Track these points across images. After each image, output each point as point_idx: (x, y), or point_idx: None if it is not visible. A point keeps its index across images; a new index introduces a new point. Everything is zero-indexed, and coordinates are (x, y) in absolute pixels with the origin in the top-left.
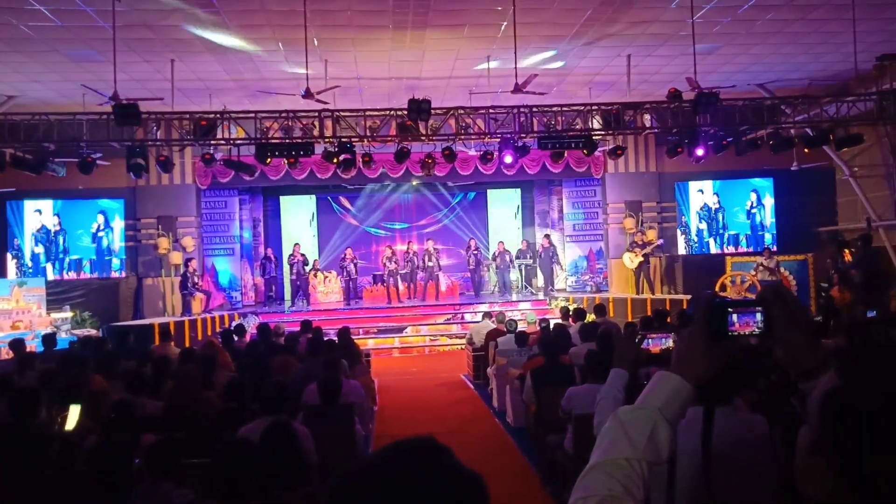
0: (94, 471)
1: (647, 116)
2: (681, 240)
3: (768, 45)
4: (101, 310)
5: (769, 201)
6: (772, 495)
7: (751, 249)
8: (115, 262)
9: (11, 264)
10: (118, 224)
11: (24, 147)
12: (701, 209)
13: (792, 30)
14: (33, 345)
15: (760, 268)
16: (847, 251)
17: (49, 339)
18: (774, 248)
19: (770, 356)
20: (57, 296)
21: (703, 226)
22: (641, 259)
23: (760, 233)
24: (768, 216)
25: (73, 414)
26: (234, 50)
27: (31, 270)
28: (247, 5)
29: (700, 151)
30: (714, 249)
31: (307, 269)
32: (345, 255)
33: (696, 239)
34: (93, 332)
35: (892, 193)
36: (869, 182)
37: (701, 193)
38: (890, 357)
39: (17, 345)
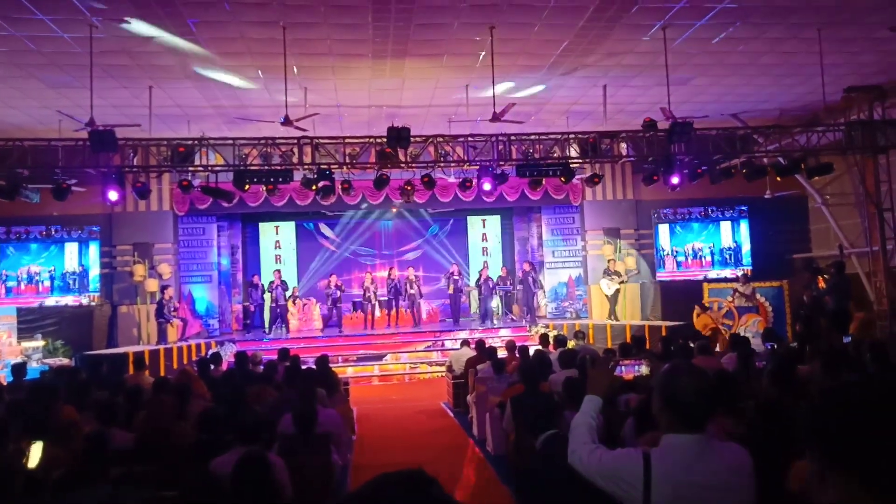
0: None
1: (624, 145)
2: (659, 266)
3: (740, 77)
4: (73, 338)
5: (725, 230)
6: None
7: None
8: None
9: None
10: (84, 254)
11: None
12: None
13: (762, 62)
14: (2, 374)
15: (737, 294)
16: (821, 278)
17: (18, 369)
18: (750, 274)
19: (747, 385)
20: (28, 324)
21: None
22: (618, 287)
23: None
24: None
25: (36, 451)
26: (214, 79)
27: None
28: (226, 33)
29: (675, 180)
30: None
31: (287, 295)
32: (329, 281)
33: (672, 267)
34: (65, 361)
35: (863, 221)
36: (840, 210)
37: (673, 223)
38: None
39: None
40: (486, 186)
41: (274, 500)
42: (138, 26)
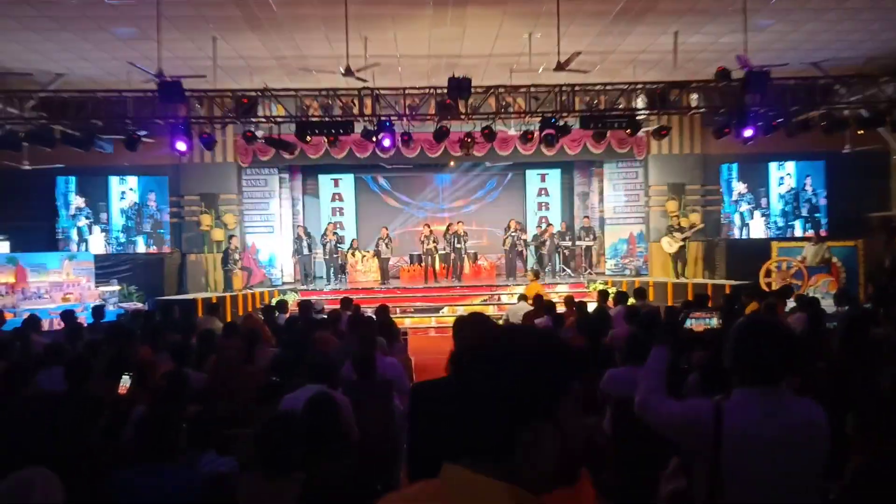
0: (141, 439)
1: (694, 96)
2: (725, 224)
3: (823, 22)
4: (146, 284)
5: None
6: (819, 474)
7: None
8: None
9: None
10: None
11: (74, 124)
12: (742, 193)
13: (848, 6)
14: (83, 317)
15: (809, 254)
16: None
17: (98, 311)
18: (825, 233)
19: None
20: (105, 270)
21: (745, 208)
22: (681, 243)
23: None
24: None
25: (125, 382)
26: (276, 28)
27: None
28: None
29: (748, 132)
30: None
31: (342, 248)
32: (381, 234)
33: (738, 223)
34: (139, 305)
35: None
36: None
37: (739, 180)
38: None
39: (68, 315)
40: (548, 138)
41: (342, 439)
42: None
